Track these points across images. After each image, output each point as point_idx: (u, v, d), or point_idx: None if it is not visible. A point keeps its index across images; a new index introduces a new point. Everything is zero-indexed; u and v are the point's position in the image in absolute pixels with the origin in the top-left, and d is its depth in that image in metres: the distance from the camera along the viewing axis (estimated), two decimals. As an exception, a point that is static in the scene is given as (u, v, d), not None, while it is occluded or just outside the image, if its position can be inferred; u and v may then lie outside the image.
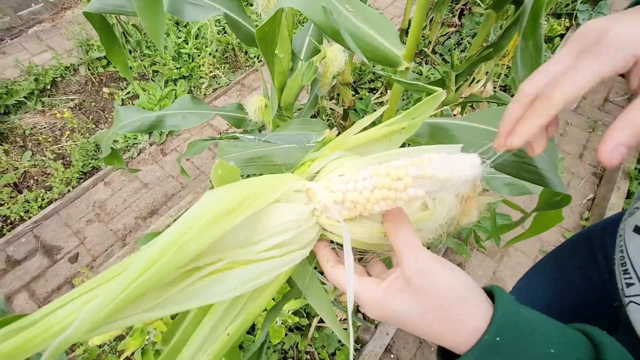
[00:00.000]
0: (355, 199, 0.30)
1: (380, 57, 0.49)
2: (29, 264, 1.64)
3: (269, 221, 0.31)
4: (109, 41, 0.82)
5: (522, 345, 0.25)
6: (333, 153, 0.35)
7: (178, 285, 0.27)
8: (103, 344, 1.38)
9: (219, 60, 2.42)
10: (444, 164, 0.25)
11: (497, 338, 0.25)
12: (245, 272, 0.29)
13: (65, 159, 1.99)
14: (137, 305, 0.26)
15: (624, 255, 0.46)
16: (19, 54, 2.42)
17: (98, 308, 0.23)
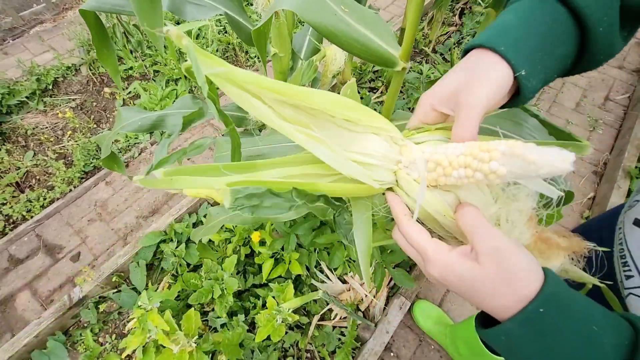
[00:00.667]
0: (439, 160, 0.32)
1: (377, 58, 0.49)
2: (31, 263, 1.65)
3: (363, 143, 0.35)
4: (100, 42, 0.81)
5: (565, 319, 0.26)
6: (438, 134, 0.37)
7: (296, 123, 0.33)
8: (104, 342, 1.39)
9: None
10: (537, 150, 0.25)
11: (540, 309, 0.26)
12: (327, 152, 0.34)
13: (67, 159, 2.00)
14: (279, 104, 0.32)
15: (623, 248, 0.46)
16: (21, 54, 2.43)
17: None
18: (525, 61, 0.32)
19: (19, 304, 1.54)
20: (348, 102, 0.34)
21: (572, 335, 0.26)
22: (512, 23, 0.34)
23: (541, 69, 0.34)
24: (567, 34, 0.34)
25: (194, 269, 1.50)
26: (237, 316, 1.27)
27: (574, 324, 0.26)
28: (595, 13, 0.32)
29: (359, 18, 0.50)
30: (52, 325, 1.35)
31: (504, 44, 0.33)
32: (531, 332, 0.27)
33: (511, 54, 0.32)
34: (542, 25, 0.33)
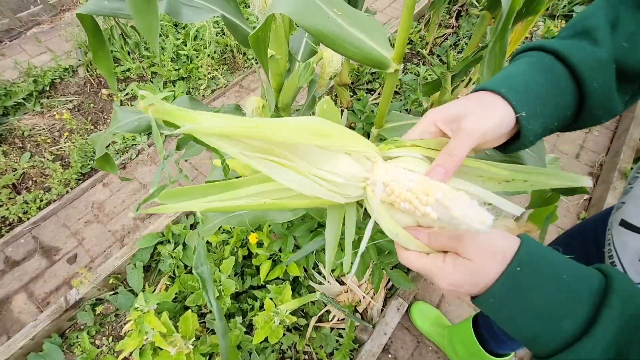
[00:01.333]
0: (393, 188, 0.35)
1: (369, 60, 0.50)
2: (27, 265, 1.64)
3: (333, 162, 0.37)
4: (96, 45, 0.81)
5: (539, 273, 0.29)
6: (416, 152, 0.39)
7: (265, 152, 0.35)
8: (101, 344, 1.38)
9: (218, 61, 2.43)
10: (463, 207, 0.29)
11: (517, 268, 0.30)
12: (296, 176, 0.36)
13: (63, 160, 1.99)
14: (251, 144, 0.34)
15: (611, 248, 0.47)
16: (18, 55, 2.43)
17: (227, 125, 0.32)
18: (525, 104, 0.36)
19: (15, 306, 1.53)
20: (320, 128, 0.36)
21: (546, 286, 0.29)
22: (513, 73, 0.39)
23: (540, 113, 0.37)
24: (565, 86, 0.38)
25: (191, 270, 1.50)
26: (234, 318, 1.26)
27: (547, 276, 0.29)
28: (588, 71, 0.36)
29: (351, 21, 0.50)
30: (49, 328, 1.34)
31: (505, 87, 0.37)
32: (511, 290, 0.30)
33: (511, 96, 0.36)
34: (540, 75, 0.37)
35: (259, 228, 1.43)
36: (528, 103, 0.36)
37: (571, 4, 2.52)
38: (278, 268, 1.33)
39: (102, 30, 0.80)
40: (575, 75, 0.37)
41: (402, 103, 2.03)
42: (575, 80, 0.38)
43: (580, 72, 0.37)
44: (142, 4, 0.60)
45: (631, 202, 0.45)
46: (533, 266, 0.30)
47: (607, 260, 0.49)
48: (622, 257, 0.44)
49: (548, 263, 0.30)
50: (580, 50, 0.37)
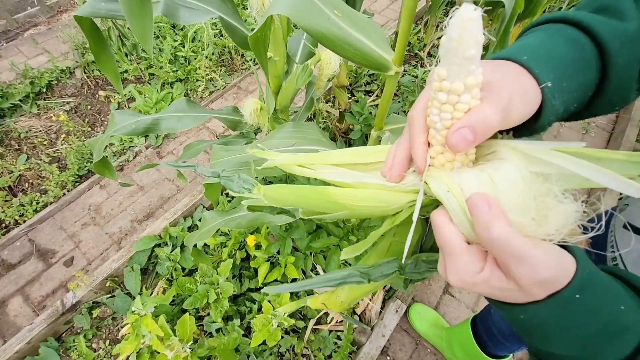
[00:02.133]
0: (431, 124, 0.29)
1: (370, 62, 0.50)
2: (23, 268, 1.63)
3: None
4: (98, 48, 0.79)
5: (597, 302, 0.25)
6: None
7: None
8: (98, 348, 1.37)
9: (216, 63, 2.43)
10: (452, 27, 0.24)
11: (576, 295, 0.25)
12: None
13: (60, 162, 1.98)
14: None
15: (614, 250, 0.47)
16: (15, 57, 2.42)
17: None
18: (550, 73, 0.29)
19: (10, 309, 1.52)
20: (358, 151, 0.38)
21: (601, 315, 0.25)
22: (532, 43, 0.32)
23: (566, 89, 0.30)
24: (590, 59, 0.32)
25: (189, 273, 1.49)
26: (232, 321, 1.26)
27: (604, 305, 0.25)
28: (616, 45, 0.31)
29: (352, 23, 0.50)
30: (45, 331, 1.33)
31: (526, 54, 0.30)
32: (563, 316, 0.25)
33: (534, 64, 0.29)
34: (565, 46, 0.31)
35: (257, 230, 1.42)
36: (554, 72, 0.29)
37: (568, 6, 2.53)
38: (276, 270, 1.33)
39: (102, 33, 0.79)
40: (602, 49, 0.32)
41: (400, 105, 2.03)
42: (600, 56, 0.32)
43: (607, 45, 0.31)
44: (136, 6, 0.59)
45: (635, 205, 0.45)
46: (593, 294, 0.25)
47: (610, 262, 0.49)
48: (626, 259, 0.44)
49: (606, 291, 0.26)
50: (606, 23, 0.32)
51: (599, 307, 0.25)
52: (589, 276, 0.26)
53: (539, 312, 0.26)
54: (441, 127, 0.27)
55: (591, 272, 0.26)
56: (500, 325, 0.96)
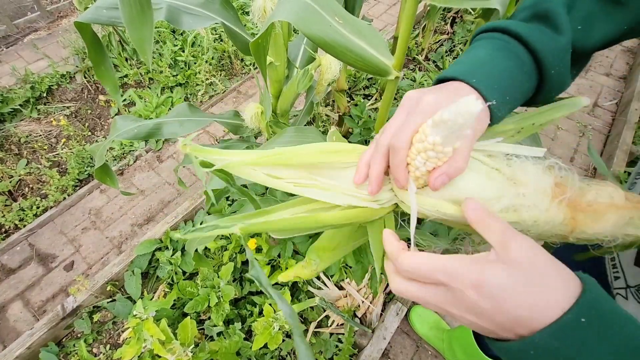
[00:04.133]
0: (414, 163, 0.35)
1: (371, 67, 0.51)
2: (23, 273, 1.62)
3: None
4: (97, 58, 0.77)
5: (606, 329, 0.24)
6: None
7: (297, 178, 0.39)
8: (98, 352, 1.37)
9: (215, 67, 2.44)
10: (448, 110, 0.29)
11: (582, 319, 0.23)
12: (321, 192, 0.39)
13: (60, 167, 1.99)
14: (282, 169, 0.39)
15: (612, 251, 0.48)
16: (15, 62, 2.43)
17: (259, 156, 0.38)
18: (495, 92, 0.35)
19: (10, 314, 1.51)
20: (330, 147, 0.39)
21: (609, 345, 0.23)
22: (482, 59, 0.38)
23: (509, 100, 0.37)
24: (529, 71, 0.38)
25: (189, 277, 1.49)
26: (233, 324, 1.26)
27: (613, 334, 0.23)
28: (550, 58, 0.37)
29: (353, 29, 0.51)
30: (45, 336, 1.33)
31: (476, 77, 0.36)
32: (567, 344, 0.23)
33: (482, 85, 0.35)
34: (508, 62, 0.37)
35: (258, 234, 1.43)
36: (499, 91, 0.36)
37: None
38: (277, 274, 1.33)
39: (102, 44, 0.78)
40: (538, 62, 0.38)
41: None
42: (536, 65, 0.38)
43: (543, 59, 0.37)
44: (137, 15, 0.59)
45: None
46: (600, 320, 0.24)
47: (608, 262, 0.49)
48: (623, 259, 0.45)
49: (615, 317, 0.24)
50: (543, 37, 0.37)
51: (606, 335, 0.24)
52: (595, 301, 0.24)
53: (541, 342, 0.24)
54: (424, 170, 0.34)
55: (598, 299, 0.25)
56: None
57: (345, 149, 0.40)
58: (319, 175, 0.39)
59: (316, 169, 0.39)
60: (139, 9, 0.59)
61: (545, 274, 0.26)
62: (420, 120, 0.34)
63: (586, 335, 0.23)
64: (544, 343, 0.24)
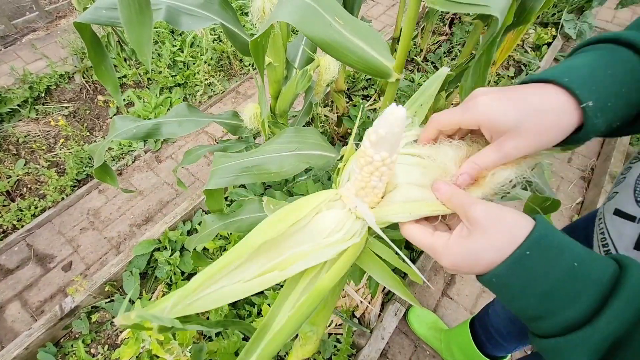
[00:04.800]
0: (360, 185, 0.38)
1: (371, 69, 0.51)
2: (21, 273, 1.62)
3: (320, 226, 0.39)
4: (97, 58, 0.78)
5: (548, 258, 0.29)
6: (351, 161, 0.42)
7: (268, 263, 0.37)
8: (97, 353, 1.37)
9: (214, 68, 2.44)
10: (380, 124, 0.32)
11: (527, 252, 0.29)
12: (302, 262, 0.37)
13: (59, 167, 1.98)
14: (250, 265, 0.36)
15: (605, 237, 0.48)
16: (13, 62, 2.42)
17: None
18: (593, 94, 0.31)
19: (8, 315, 1.51)
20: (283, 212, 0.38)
21: (554, 273, 0.28)
22: (577, 64, 0.34)
23: (609, 108, 0.32)
24: (639, 79, 0.33)
25: (188, 277, 1.49)
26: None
27: (557, 263, 0.28)
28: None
29: (353, 30, 0.52)
30: (43, 337, 1.33)
31: (568, 77, 0.32)
32: (516, 273, 0.29)
33: (576, 85, 0.31)
34: (613, 66, 0.33)
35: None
36: (597, 93, 0.31)
37: (560, 12, 2.58)
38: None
39: (102, 43, 0.78)
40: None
41: (398, 109, 2.05)
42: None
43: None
44: (136, 16, 0.59)
45: (624, 191, 0.46)
46: (543, 252, 0.29)
47: (599, 249, 0.50)
48: (618, 245, 0.45)
49: (560, 250, 0.29)
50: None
51: (549, 263, 0.28)
52: (541, 237, 0.29)
53: (501, 272, 0.30)
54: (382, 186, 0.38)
55: (545, 234, 0.29)
56: (498, 325, 0.97)
57: (295, 209, 0.38)
58: (287, 248, 0.37)
59: (280, 244, 0.37)
60: (137, 9, 0.59)
61: (502, 224, 0.31)
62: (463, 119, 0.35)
63: (530, 264, 0.29)
64: (500, 273, 0.30)
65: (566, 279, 0.28)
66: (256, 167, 0.72)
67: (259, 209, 0.99)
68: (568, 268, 0.28)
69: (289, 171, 0.72)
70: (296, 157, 0.73)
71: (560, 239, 0.29)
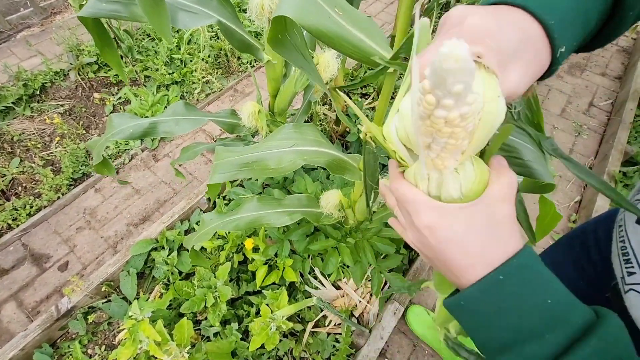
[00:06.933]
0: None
1: (369, 59, 0.50)
2: (16, 273, 1.60)
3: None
4: (102, 41, 0.84)
5: (523, 290, 0.27)
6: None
7: None
8: (93, 354, 1.36)
9: (212, 65, 2.42)
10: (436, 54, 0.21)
11: (500, 277, 0.27)
12: None
13: (54, 166, 1.96)
14: None
15: (625, 245, 0.47)
16: (8, 59, 2.39)
17: None
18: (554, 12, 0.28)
19: (4, 315, 1.49)
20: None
21: (525, 303, 0.27)
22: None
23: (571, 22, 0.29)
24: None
25: (186, 277, 1.48)
26: (230, 324, 1.25)
27: (529, 296, 0.27)
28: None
29: (352, 21, 0.51)
30: (39, 338, 1.31)
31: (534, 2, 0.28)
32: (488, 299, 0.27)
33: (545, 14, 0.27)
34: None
35: (255, 233, 1.42)
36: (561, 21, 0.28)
37: None
38: (274, 273, 1.33)
39: (105, 28, 0.84)
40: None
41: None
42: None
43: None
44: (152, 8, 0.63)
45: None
46: (519, 280, 0.27)
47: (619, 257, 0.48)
48: (639, 254, 0.44)
49: (537, 282, 0.27)
50: None
51: (522, 294, 0.27)
52: (522, 266, 0.27)
53: (470, 293, 0.28)
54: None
55: (526, 264, 0.27)
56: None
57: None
58: None
59: None
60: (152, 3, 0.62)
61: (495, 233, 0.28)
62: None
63: (505, 290, 0.27)
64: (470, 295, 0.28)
65: (534, 315, 0.26)
66: (256, 162, 0.71)
67: (257, 208, 0.98)
68: (540, 303, 0.27)
69: (287, 167, 0.72)
70: (295, 154, 0.73)
71: (543, 274, 0.28)
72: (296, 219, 0.96)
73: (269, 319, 1.11)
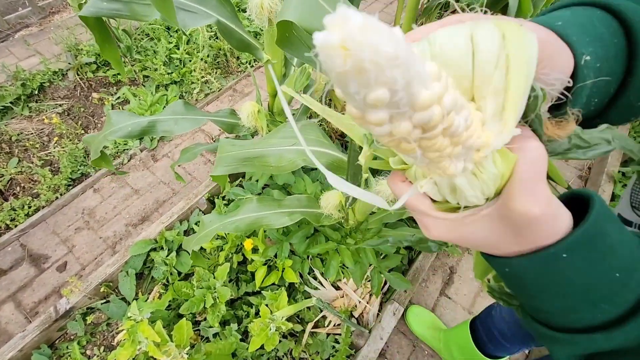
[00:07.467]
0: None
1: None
2: (15, 274, 1.59)
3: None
4: (102, 38, 0.86)
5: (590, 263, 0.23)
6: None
7: None
8: (92, 354, 1.35)
9: (211, 65, 2.42)
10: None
11: (563, 254, 0.23)
12: None
13: (53, 166, 1.95)
14: None
15: None
16: (6, 58, 2.38)
17: None
18: (588, 46, 0.26)
19: (2, 316, 1.48)
20: None
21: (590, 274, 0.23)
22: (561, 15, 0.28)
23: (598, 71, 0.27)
24: (619, 46, 0.28)
25: (185, 277, 1.47)
26: (229, 325, 1.25)
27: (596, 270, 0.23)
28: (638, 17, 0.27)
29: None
30: (37, 339, 1.31)
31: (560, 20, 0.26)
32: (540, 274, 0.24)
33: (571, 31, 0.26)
34: (598, 25, 0.28)
35: (254, 234, 1.41)
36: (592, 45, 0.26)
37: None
38: (273, 274, 1.32)
39: (106, 25, 0.86)
40: (631, 37, 0.27)
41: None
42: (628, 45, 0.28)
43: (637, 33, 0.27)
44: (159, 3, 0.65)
45: (624, 197, 0.46)
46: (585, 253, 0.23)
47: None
48: None
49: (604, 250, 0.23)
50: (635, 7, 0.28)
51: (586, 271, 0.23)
52: (587, 237, 0.23)
53: (518, 267, 0.25)
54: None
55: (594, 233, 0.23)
56: (502, 327, 0.96)
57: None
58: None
59: None
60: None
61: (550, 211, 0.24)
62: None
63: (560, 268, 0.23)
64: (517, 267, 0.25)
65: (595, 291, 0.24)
66: (257, 158, 0.72)
67: (257, 209, 0.98)
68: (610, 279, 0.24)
69: (286, 166, 0.72)
70: (295, 153, 0.73)
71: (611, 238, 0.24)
72: (296, 220, 0.96)
73: (268, 320, 1.11)
